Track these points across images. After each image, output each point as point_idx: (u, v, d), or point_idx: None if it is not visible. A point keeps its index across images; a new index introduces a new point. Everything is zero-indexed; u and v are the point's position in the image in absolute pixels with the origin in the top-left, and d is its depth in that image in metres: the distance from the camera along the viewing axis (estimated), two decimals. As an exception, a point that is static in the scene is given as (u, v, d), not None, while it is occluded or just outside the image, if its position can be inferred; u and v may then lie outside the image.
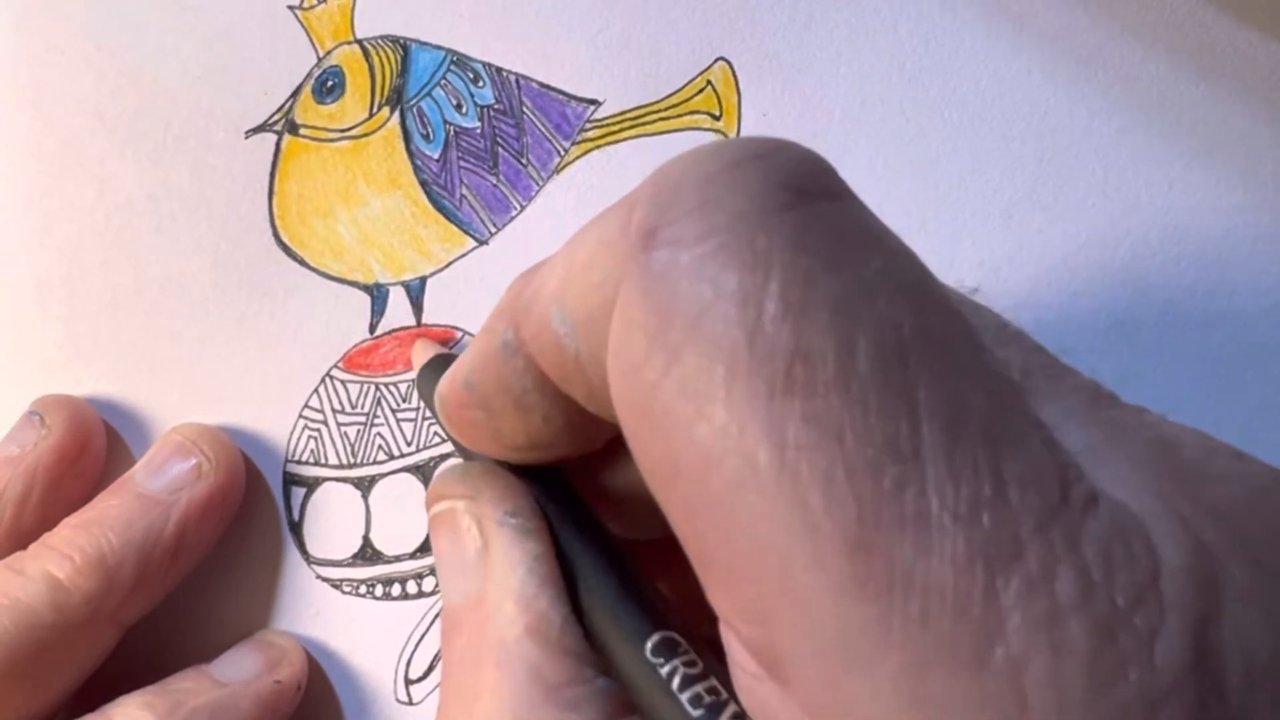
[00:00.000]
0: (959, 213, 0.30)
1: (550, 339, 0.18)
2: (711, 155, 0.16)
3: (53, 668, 0.27)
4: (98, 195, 0.31)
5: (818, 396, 0.14)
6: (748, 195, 0.16)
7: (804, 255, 0.15)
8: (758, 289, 0.15)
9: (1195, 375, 0.29)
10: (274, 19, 0.31)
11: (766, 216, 0.15)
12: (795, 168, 0.16)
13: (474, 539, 0.21)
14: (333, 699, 0.30)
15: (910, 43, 0.30)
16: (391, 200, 0.31)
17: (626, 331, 0.16)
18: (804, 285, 0.15)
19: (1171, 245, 0.30)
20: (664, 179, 0.16)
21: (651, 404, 0.15)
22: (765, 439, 0.14)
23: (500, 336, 0.19)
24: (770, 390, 0.14)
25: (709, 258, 0.15)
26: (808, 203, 0.16)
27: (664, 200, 0.16)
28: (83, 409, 0.30)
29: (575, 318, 0.17)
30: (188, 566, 0.29)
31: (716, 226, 0.15)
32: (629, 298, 0.16)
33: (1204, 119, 0.30)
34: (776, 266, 0.15)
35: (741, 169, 0.16)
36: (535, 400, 0.20)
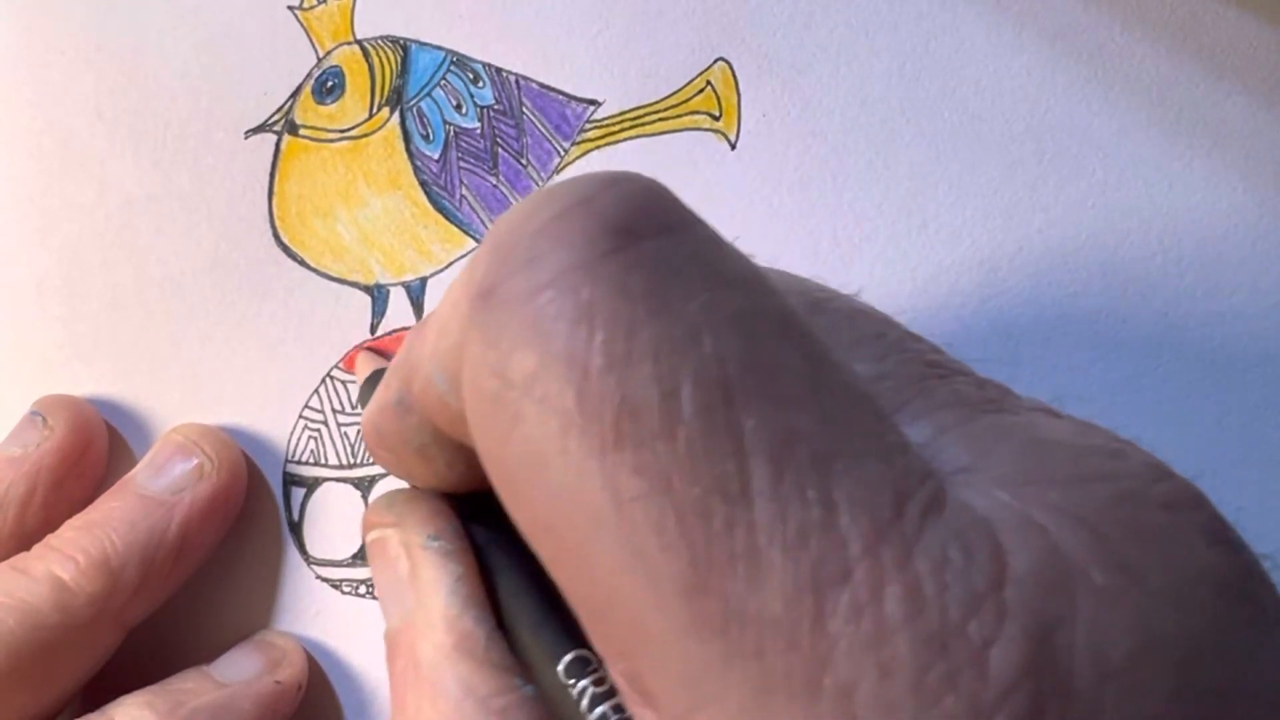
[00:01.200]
0: (959, 213, 0.30)
1: (434, 395, 0.18)
2: (542, 204, 0.16)
3: (56, 668, 0.27)
4: (98, 195, 0.31)
5: (645, 447, 0.14)
6: (573, 244, 0.15)
7: (626, 302, 0.15)
8: (583, 344, 0.15)
9: (1195, 375, 0.29)
10: (274, 19, 0.31)
11: (590, 265, 0.15)
12: (621, 207, 0.16)
13: (403, 564, 0.22)
14: (333, 699, 0.30)
15: (910, 43, 0.30)
16: (391, 201, 0.31)
17: (472, 395, 0.16)
18: (626, 335, 0.15)
19: (1171, 245, 0.30)
20: (498, 235, 0.16)
21: (503, 464, 0.16)
22: (602, 493, 0.15)
23: (394, 394, 0.20)
24: (602, 446, 0.15)
25: (538, 314, 0.15)
26: (634, 243, 0.16)
27: (497, 258, 0.16)
28: (85, 409, 0.30)
29: (447, 375, 0.18)
30: (191, 567, 0.29)
31: (543, 282, 0.15)
32: (470, 360, 0.16)
33: (1204, 119, 0.30)
34: (600, 318, 0.15)
35: (567, 217, 0.16)
36: (434, 451, 0.20)
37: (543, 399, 0.15)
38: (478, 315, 0.16)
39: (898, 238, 0.30)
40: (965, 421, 0.16)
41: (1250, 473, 0.29)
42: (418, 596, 0.21)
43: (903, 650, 0.13)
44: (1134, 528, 0.15)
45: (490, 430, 0.16)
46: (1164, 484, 0.15)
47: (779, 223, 0.30)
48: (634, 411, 0.14)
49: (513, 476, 0.16)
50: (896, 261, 0.30)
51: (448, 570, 0.21)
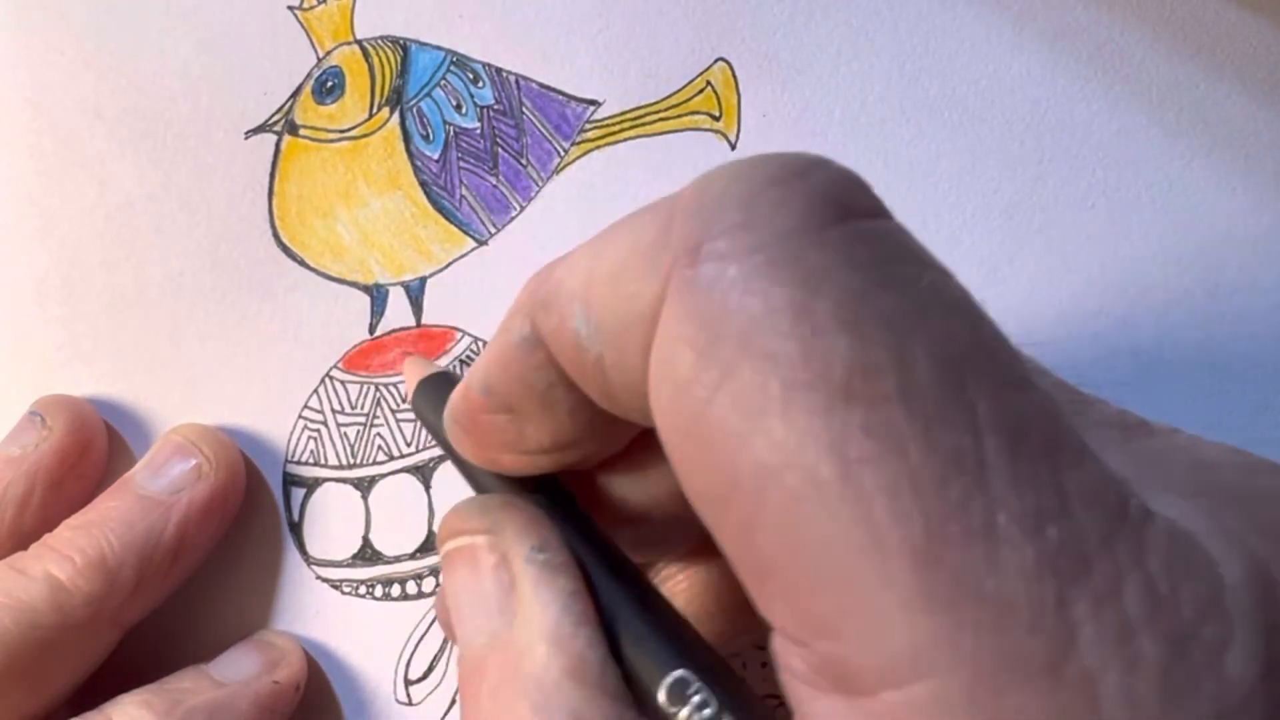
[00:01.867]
0: (959, 213, 0.30)
1: (569, 338, 0.18)
2: (752, 171, 0.16)
3: (53, 667, 0.27)
4: (98, 195, 0.31)
5: (879, 408, 0.14)
6: (793, 211, 0.15)
7: (855, 271, 0.15)
8: (811, 303, 0.15)
9: (1196, 375, 0.29)
10: (274, 19, 0.31)
11: (814, 232, 0.15)
12: (837, 185, 0.16)
13: (500, 577, 0.20)
14: (332, 699, 0.30)
15: (910, 43, 0.30)
16: (391, 201, 0.31)
17: (672, 347, 0.16)
18: (857, 300, 0.15)
19: (1171, 245, 0.30)
20: (704, 193, 0.16)
21: (703, 421, 0.15)
22: (827, 452, 0.14)
23: (518, 332, 0.19)
24: (829, 403, 0.14)
25: (758, 272, 0.15)
26: (853, 219, 0.16)
27: (707, 214, 0.16)
28: (84, 410, 0.30)
29: (601, 322, 0.17)
30: (189, 567, 0.29)
31: (764, 242, 0.15)
32: (674, 312, 0.16)
33: (1204, 119, 0.30)
34: (828, 282, 0.15)
35: (785, 185, 0.16)
36: (561, 394, 0.19)
37: (763, 354, 0.15)
38: (684, 268, 0.16)
39: (898, 238, 0.30)
40: (1123, 441, 0.16)
41: (1251, 473, 0.29)
42: (519, 613, 0.19)
43: (1147, 646, 0.13)
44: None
45: (688, 388, 0.15)
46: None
47: (779, 223, 0.30)
48: (867, 372, 0.14)
49: (711, 437, 0.15)
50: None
51: (556, 586, 0.19)
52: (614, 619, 0.19)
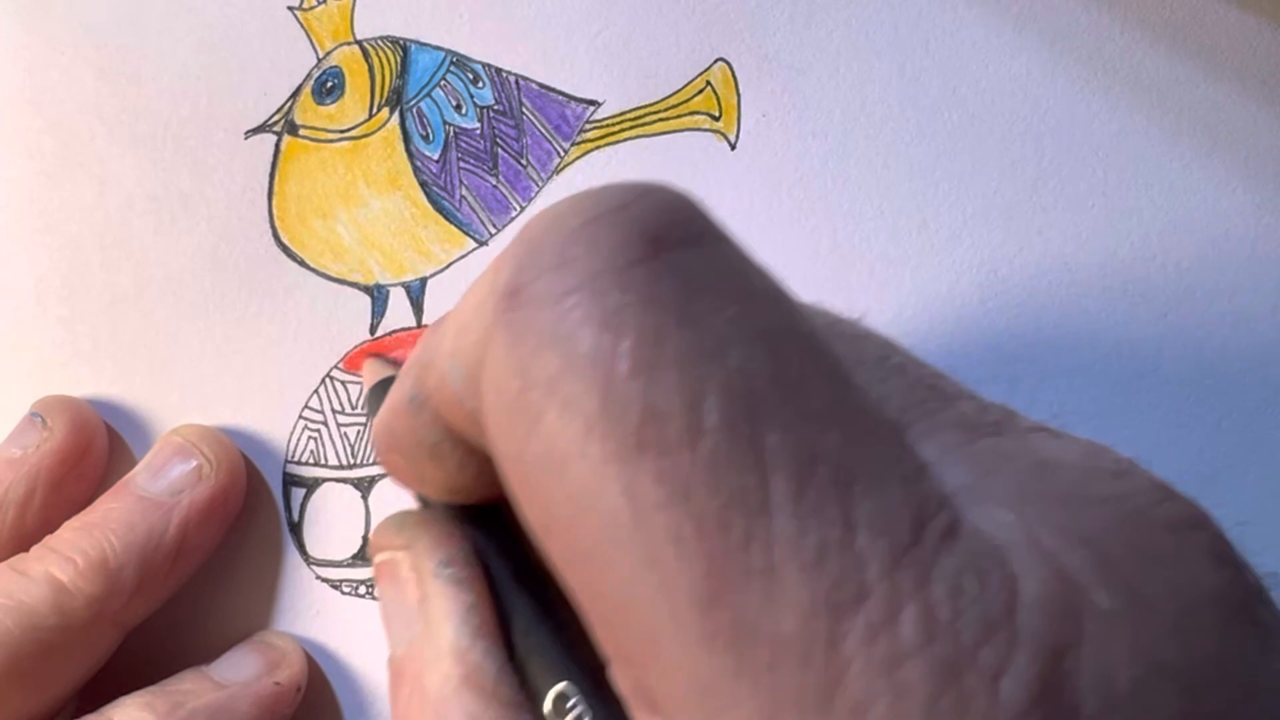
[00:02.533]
0: (959, 213, 0.30)
1: (449, 394, 0.18)
2: (572, 210, 0.16)
3: (54, 669, 0.27)
4: (98, 195, 0.31)
5: (668, 455, 0.14)
6: (602, 250, 0.15)
7: (655, 310, 0.15)
8: (610, 348, 0.15)
9: (1195, 376, 0.29)
10: (274, 19, 0.31)
11: (620, 272, 0.15)
12: (653, 216, 0.16)
13: (413, 589, 0.21)
14: (332, 699, 0.30)
15: (910, 43, 0.30)
16: (391, 201, 0.31)
17: (493, 394, 0.16)
18: (654, 342, 0.15)
19: (1171, 245, 0.30)
20: (528, 236, 0.16)
21: (520, 464, 0.16)
22: (621, 498, 0.14)
23: (408, 391, 0.20)
24: (622, 451, 0.14)
25: (565, 317, 0.15)
26: (664, 252, 0.16)
27: (526, 259, 0.16)
28: (84, 411, 0.30)
29: (465, 374, 0.18)
30: (190, 569, 0.29)
31: (571, 286, 0.15)
32: (493, 359, 0.16)
33: (1204, 119, 0.30)
34: (627, 324, 0.15)
35: (598, 223, 0.16)
36: (447, 450, 0.20)
37: (565, 401, 0.15)
38: (503, 314, 0.16)
39: (898, 238, 0.30)
40: (968, 443, 0.16)
41: (1249, 474, 0.29)
42: (427, 625, 0.20)
43: (916, 675, 0.13)
44: (1139, 549, 0.15)
45: (509, 430, 0.16)
46: (1169, 504, 0.15)
47: (779, 223, 0.30)
48: (657, 418, 0.14)
49: (529, 478, 0.16)
50: (897, 261, 0.30)
51: (459, 600, 0.20)
52: (513, 630, 0.20)
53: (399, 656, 0.21)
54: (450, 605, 0.20)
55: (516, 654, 0.20)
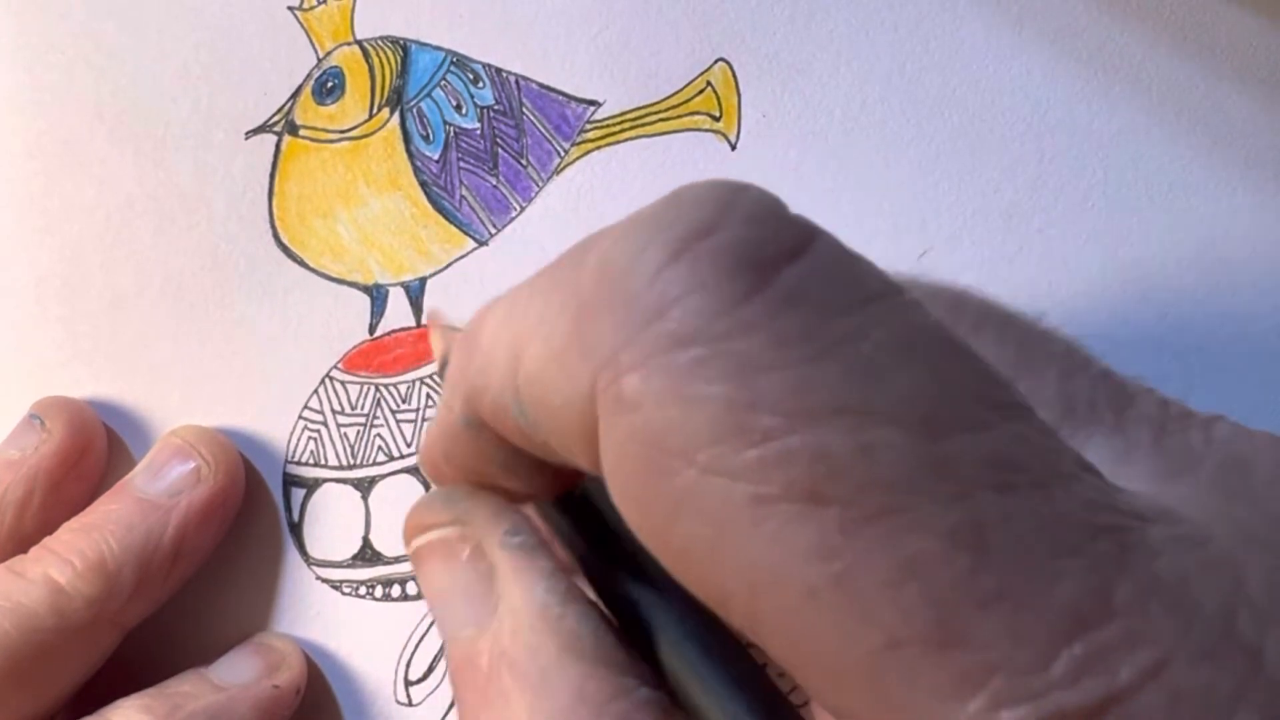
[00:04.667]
0: (959, 213, 0.30)
1: (512, 424, 0.17)
2: (651, 239, 0.15)
3: (52, 671, 0.27)
4: (98, 195, 0.31)
5: (854, 505, 0.13)
6: (705, 291, 0.14)
7: (788, 349, 0.14)
8: (750, 405, 0.13)
9: (1195, 376, 0.29)
10: (274, 19, 0.31)
11: (732, 312, 0.14)
12: (747, 234, 0.15)
13: (476, 565, 0.19)
14: (332, 700, 0.30)
15: (910, 43, 0.30)
16: (391, 201, 0.31)
17: (622, 470, 0.15)
18: (800, 389, 0.14)
19: (1171, 245, 0.30)
20: (608, 278, 0.15)
21: (674, 540, 0.15)
22: (812, 561, 0.13)
23: (461, 417, 0.19)
24: (801, 511, 0.13)
25: (686, 377, 0.14)
26: (773, 276, 0.14)
27: (616, 310, 0.15)
28: (83, 412, 0.30)
29: (538, 422, 0.16)
30: (188, 570, 0.29)
31: (682, 338, 0.14)
32: (612, 437, 0.15)
33: (1204, 119, 0.30)
34: (762, 374, 0.14)
35: (690, 257, 0.14)
36: (519, 462, 0.19)
37: (715, 470, 0.14)
38: (607, 387, 0.15)
39: (898, 238, 0.30)
40: (1157, 443, 0.16)
41: (1251, 473, 0.29)
42: (503, 600, 0.19)
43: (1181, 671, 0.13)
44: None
45: (649, 509, 0.15)
46: None
47: (779, 223, 0.30)
48: (831, 469, 0.13)
49: (686, 556, 0.14)
50: (896, 261, 0.30)
51: (538, 567, 0.19)
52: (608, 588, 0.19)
53: (465, 639, 0.19)
54: (530, 574, 0.19)
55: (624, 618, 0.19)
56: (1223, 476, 0.15)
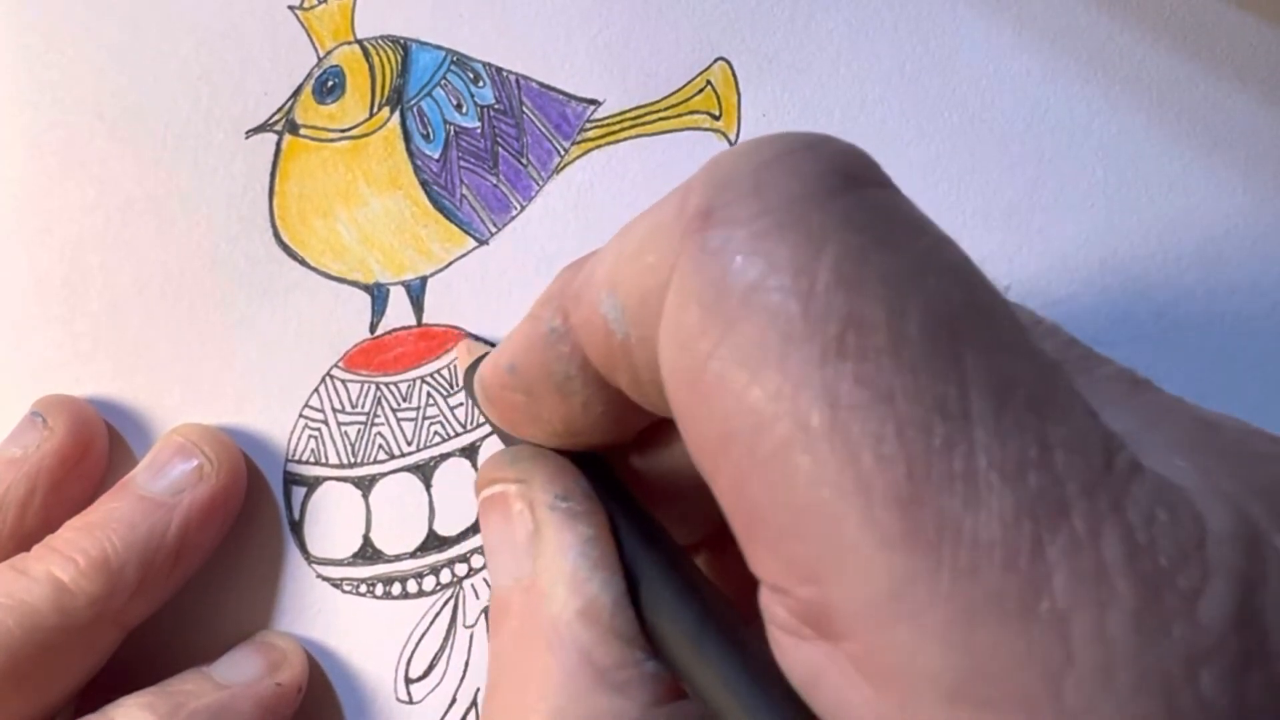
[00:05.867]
0: (959, 213, 0.30)
1: (599, 325, 0.19)
2: (763, 145, 0.17)
3: (55, 669, 0.27)
4: (98, 195, 0.31)
5: (869, 360, 0.15)
6: (800, 179, 0.16)
7: (856, 233, 0.16)
8: (812, 261, 0.15)
9: (1195, 375, 0.29)
10: (274, 19, 0.31)
11: (819, 198, 0.16)
12: (844, 157, 0.17)
13: (525, 522, 0.21)
14: (333, 698, 0.30)
15: (910, 43, 0.30)
16: (391, 200, 0.31)
17: (681, 305, 0.16)
18: (857, 259, 0.15)
19: (1171, 245, 0.30)
20: (718, 167, 0.17)
21: (705, 373, 0.16)
22: (818, 400, 0.15)
23: (547, 323, 0.20)
24: (824, 355, 0.15)
25: (764, 234, 0.16)
26: (857, 188, 0.16)
27: (719, 184, 0.17)
28: (85, 410, 0.30)
29: (626, 301, 0.18)
30: (191, 568, 0.29)
31: (770, 206, 0.16)
32: (684, 272, 0.16)
33: (1204, 119, 0.30)
34: (830, 242, 0.15)
35: (793, 156, 0.16)
36: (577, 386, 0.20)
37: (765, 307, 0.15)
38: (696, 232, 0.16)
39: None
40: (1130, 397, 0.17)
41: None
42: (540, 557, 0.20)
43: (1121, 588, 0.14)
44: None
45: (696, 339, 0.16)
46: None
47: (779, 223, 0.30)
48: (861, 326, 0.15)
49: (712, 386, 0.16)
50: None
51: (576, 532, 0.20)
52: (634, 566, 0.20)
53: (505, 589, 0.21)
54: (568, 537, 0.20)
55: (638, 591, 0.20)
56: (1194, 431, 0.16)
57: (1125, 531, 0.14)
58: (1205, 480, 0.15)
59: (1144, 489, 0.14)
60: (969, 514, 0.14)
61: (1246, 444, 0.16)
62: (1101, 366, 0.18)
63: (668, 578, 0.20)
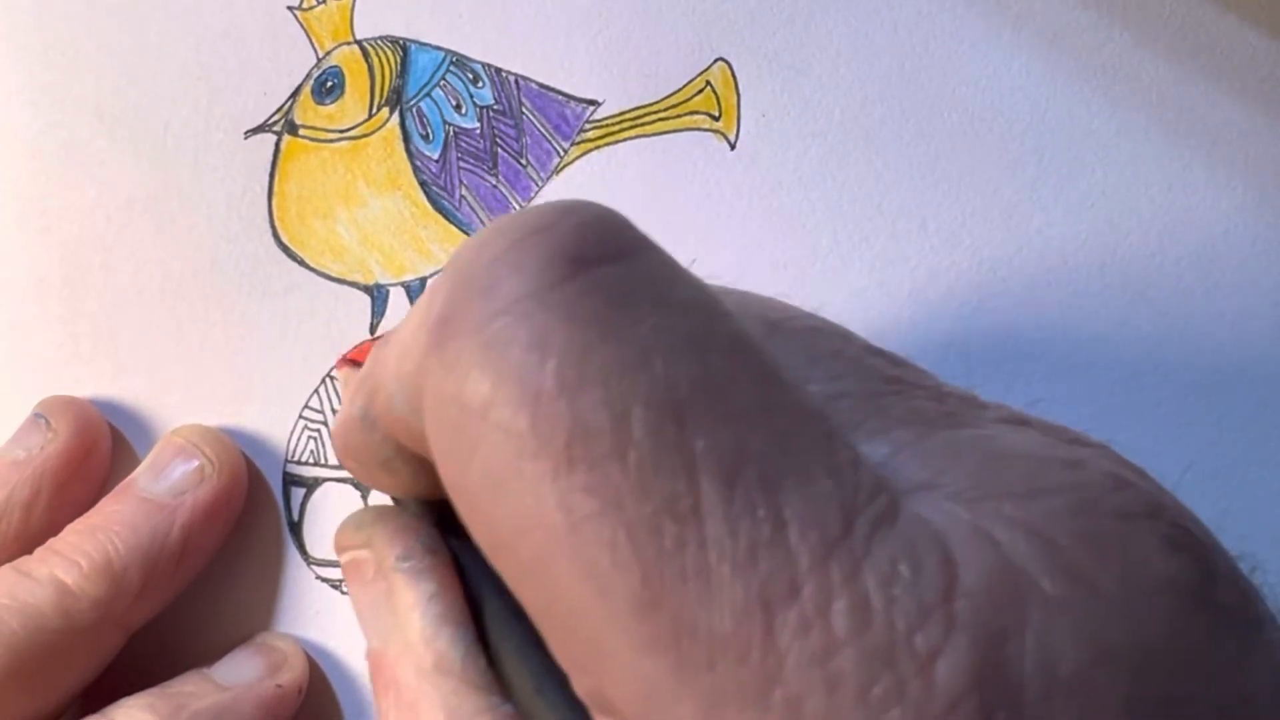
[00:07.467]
0: (959, 213, 0.30)
1: (395, 415, 0.19)
2: (497, 234, 0.16)
3: (58, 671, 0.27)
4: (98, 195, 0.31)
5: (596, 469, 0.15)
6: (526, 272, 0.16)
7: (578, 328, 0.15)
8: (536, 370, 0.15)
9: (1195, 375, 0.29)
10: (274, 19, 0.31)
11: (544, 292, 0.16)
12: (575, 235, 0.16)
13: (378, 585, 0.21)
14: (333, 700, 0.30)
15: (910, 43, 0.30)
16: (391, 201, 0.31)
17: (435, 430, 0.17)
18: (579, 360, 0.15)
19: (1171, 245, 0.30)
20: (457, 262, 0.17)
21: (465, 491, 0.16)
22: (556, 512, 0.15)
23: (358, 410, 0.20)
24: (555, 469, 0.15)
25: (492, 342, 0.15)
26: (585, 270, 0.16)
27: (455, 287, 0.16)
28: (88, 412, 0.30)
29: (410, 401, 0.18)
30: (194, 569, 0.29)
31: (498, 309, 0.16)
32: (430, 389, 0.16)
33: (1204, 119, 0.30)
34: (553, 344, 0.15)
35: (522, 245, 0.16)
36: (399, 465, 0.20)
37: (498, 424, 0.15)
38: (435, 343, 0.16)
39: (897, 238, 0.30)
40: (921, 439, 0.17)
41: (1250, 472, 0.29)
42: (395, 617, 0.21)
43: (849, 663, 0.14)
44: (1087, 537, 0.15)
45: (451, 455, 0.16)
46: (1121, 493, 0.16)
47: (779, 223, 0.30)
48: (585, 435, 0.15)
49: (474, 499, 0.16)
50: (896, 261, 0.30)
51: (419, 590, 0.21)
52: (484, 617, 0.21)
53: (374, 650, 0.21)
54: (413, 596, 0.21)
55: (489, 639, 0.20)
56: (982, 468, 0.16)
57: (858, 600, 0.14)
58: (971, 527, 0.15)
59: (890, 545, 0.14)
60: (703, 611, 0.14)
61: (1034, 478, 0.16)
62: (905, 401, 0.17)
63: (510, 624, 0.20)
